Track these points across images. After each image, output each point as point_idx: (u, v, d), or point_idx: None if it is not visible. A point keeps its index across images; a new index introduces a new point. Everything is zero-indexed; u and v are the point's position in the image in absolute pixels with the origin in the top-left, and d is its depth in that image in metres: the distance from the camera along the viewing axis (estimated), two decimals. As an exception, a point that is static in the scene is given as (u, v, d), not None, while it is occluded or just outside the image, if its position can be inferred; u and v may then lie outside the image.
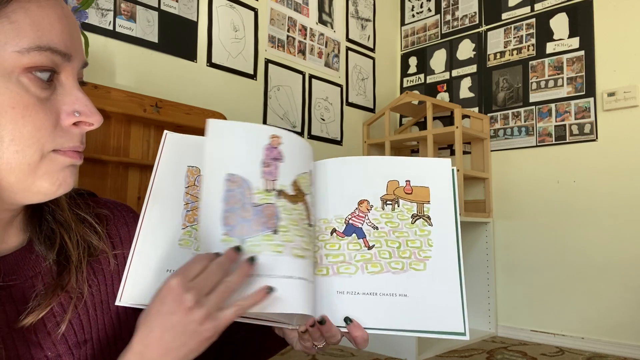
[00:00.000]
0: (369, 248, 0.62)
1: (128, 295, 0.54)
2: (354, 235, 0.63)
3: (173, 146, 0.63)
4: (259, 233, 0.54)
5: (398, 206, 0.64)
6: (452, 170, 0.67)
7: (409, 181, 0.65)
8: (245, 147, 0.58)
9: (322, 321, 0.57)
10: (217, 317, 0.49)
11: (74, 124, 0.49)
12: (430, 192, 0.65)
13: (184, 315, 0.47)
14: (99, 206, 0.61)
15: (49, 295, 0.51)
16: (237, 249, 0.52)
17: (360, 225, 0.63)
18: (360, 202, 0.64)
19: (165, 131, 0.63)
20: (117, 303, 0.53)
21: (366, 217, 0.64)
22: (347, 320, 0.58)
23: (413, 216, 0.64)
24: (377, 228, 0.63)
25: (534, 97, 2.78)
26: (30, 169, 0.46)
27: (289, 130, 0.65)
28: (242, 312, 0.50)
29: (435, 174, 0.66)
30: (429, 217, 0.64)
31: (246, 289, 0.52)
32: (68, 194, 0.55)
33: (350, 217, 0.64)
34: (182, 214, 0.59)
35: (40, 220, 0.55)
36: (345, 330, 0.58)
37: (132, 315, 0.59)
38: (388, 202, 0.64)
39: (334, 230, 0.63)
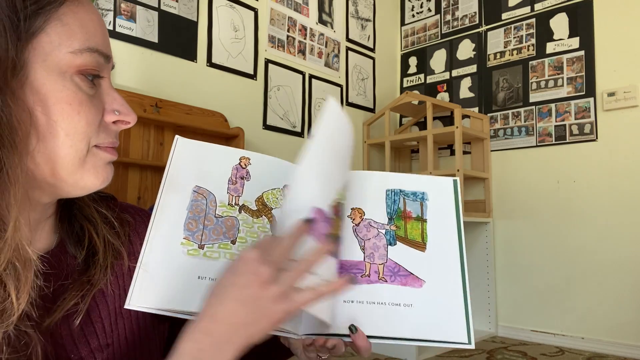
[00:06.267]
0: None
1: (136, 298, 0.54)
2: None
3: (185, 150, 0.63)
4: (217, 241, 0.59)
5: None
6: (455, 181, 0.69)
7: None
8: (215, 165, 0.64)
9: (353, 329, 0.57)
10: (291, 298, 0.46)
11: (113, 122, 0.52)
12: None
13: (259, 289, 0.45)
14: (121, 210, 0.61)
15: (75, 288, 0.51)
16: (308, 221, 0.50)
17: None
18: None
19: (177, 136, 0.63)
20: (126, 306, 0.53)
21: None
22: (353, 328, 0.58)
23: None
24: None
25: (534, 97, 2.78)
26: (80, 163, 0.49)
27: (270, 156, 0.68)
28: (317, 299, 0.48)
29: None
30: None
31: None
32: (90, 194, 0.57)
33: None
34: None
35: (71, 219, 0.56)
36: (349, 340, 0.58)
37: (150, 322, 0.59)
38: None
39: None
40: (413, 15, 3.43)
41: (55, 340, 0.50)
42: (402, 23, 3.50)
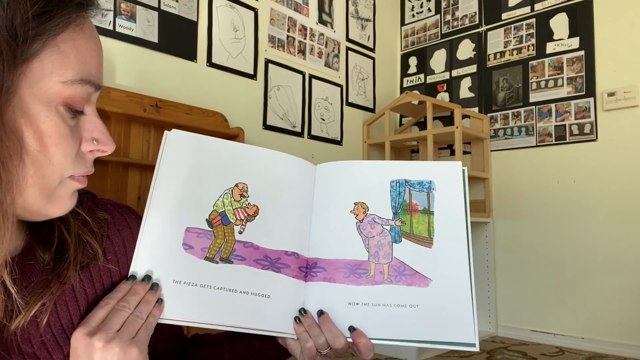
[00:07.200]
0: None
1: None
2: None
3: (175, 146, 0.61)
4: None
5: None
6: (464, 170, 0.67)
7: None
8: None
9: (303, 311, 0.60)
10: (136, 341, 0.50)
11: (90, 150, 0.49)
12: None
13: (101, 355, 0.48)
14: (98, 209, 0.58)
15: (41, 285, 0.49)
16: (144, 280, 0.56)
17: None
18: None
19: (166, 131, 0.61)
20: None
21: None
22: (351, 329, 0.58)
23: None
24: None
25: (534, 97, 2.78)
26: (48, 194, 0.47)
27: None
28: (152, 325, 0.53)
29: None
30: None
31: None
32: None
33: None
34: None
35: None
36: (350, 340, 0.58)
37: None
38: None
39: None
40: (413, 15, 3.42)
41: (24, 349, 0.48)
42: (402, 23, 3.49)
